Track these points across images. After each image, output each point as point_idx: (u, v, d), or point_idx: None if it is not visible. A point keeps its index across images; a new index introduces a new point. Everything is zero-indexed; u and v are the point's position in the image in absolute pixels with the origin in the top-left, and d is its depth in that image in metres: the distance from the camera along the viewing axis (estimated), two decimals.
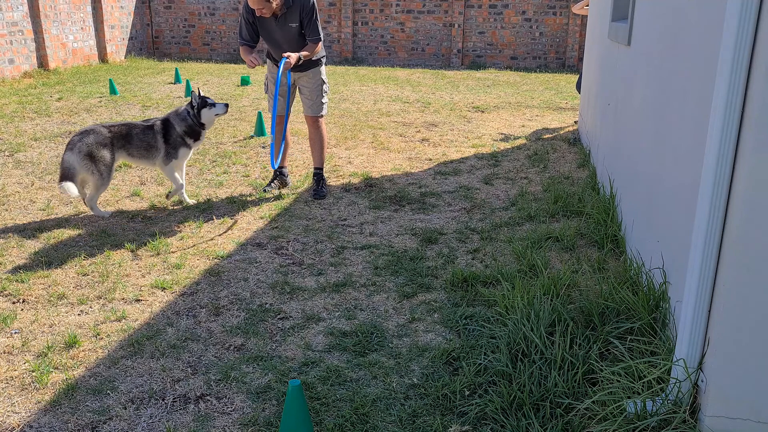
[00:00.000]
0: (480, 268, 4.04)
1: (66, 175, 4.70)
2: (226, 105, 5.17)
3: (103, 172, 4.80)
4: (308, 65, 5.36)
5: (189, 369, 2.99)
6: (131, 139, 4.94)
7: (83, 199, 4.95)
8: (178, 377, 2.92)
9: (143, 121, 5.13)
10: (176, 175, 5.14)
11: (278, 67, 5.03)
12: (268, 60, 5.54)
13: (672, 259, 2.97)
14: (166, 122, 5.05)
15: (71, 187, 4.60)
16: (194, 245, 4.43)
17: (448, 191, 5.69)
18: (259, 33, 5.22)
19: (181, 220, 4.91)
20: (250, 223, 4.89)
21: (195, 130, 5.08)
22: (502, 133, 8.07)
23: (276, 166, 5.31)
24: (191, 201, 5.27)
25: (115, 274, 3.96)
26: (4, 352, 3.11)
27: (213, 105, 5.08)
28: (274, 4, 4.90)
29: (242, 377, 2.91)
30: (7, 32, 11.36)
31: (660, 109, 3.50)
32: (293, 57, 5.02)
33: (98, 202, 4.99)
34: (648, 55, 3.95)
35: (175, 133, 5.03)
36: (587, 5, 8.75)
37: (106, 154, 4.80)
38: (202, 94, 5.10)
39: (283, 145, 5.50)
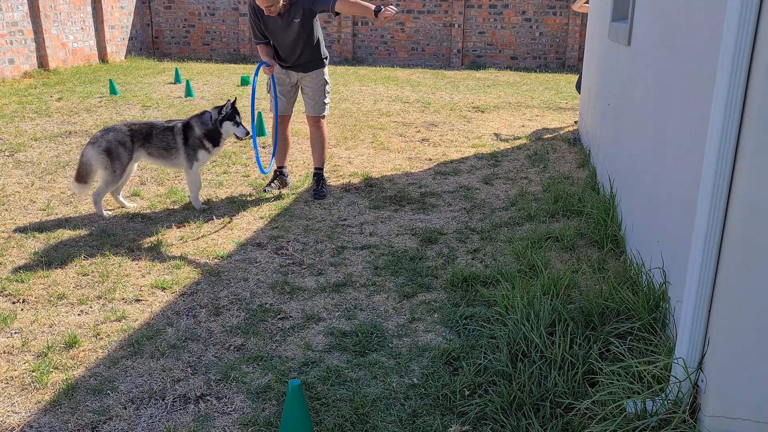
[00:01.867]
0: (480, 268, 4.04)
1: (81, 171, 4.83)
2: (248, 133, 5.13)
3: (116, 169, 4.86)
4: (312, 66, 5.38)
5: (189, 369, 2.99)
6: (151, 139, 4.97)
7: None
8: (178, 377, 2.92)
9: (166, 121, 5.16)
10: (197, 181, 5.17)
11: (271, 69, 5.25)
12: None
13: (672, 259, 2.97)
14: (186, 124, 5.08)
15: (79, 189, 4.88)
16: (194, 245, 4.43)
17: (448, 191, 5.69)
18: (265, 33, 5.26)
19: (181, 220, 4.91)
20: (250, 223, 4.89)
21: (214, 136, 5.08)
22: (502, 133, 8.07)
23: (265, 172, 5.39)
24: (200, 206, 5.26)
25: (115, 274, 3.96)
26: (4, 352, 3.11)
27: (238, 124, 5.08)
28: (281, 2, 4.93)
29: (242, 377, 2.91)
30: (7, 32, 11.36)
31: (660, 109, 3.50)
32: (271, 68, 5.27)
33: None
34: (648, 55, 3.95)
35: (194, 136, 5.04)
36: (586, 2, 8.75)
37: (123, 152, 4.86)
38: (235, 107, 5.08)
39: (284, 144, 5.54)
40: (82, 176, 4.83)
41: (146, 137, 4.95)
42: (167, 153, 5.02)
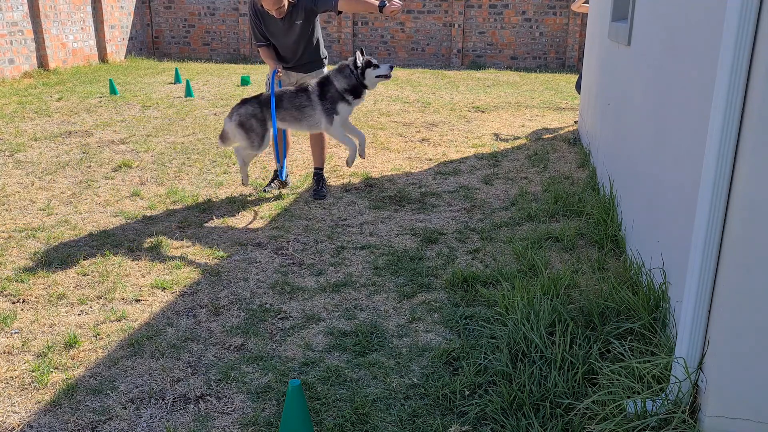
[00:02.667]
0: (480, 268, 4.04)
1: (223, 135, 5.32)
2: (391, 67, 5.15)
3: (254, 140, 5.08)
4: (313, 66, 5.39)
5: (189, 369, 2.99)
6: (281, 104, 5.06)
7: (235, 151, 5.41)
8: (178, 377, 2.92)
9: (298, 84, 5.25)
10: (346, 135, 5.18)
11: (275, 72, 5.22)
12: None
13: (672, 259, 2.97)
14: (324, 80, 5.09)
15: (221, 145, 5.47)
16: (194, 245, 4.43)
17: (448, 191, 5.69)
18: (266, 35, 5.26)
19: (181, 220, 4.91)
20: (250, 223, 4.89)
21: (357, 89, 5.09)
22: (502, 133, 8.07)
23: (283, 167, 5.44)
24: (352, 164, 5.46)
25: (115, 274, 3.96)
26: (4, 352, 3.11)
27: (377, 66, 5.08)
28: (285, 3, 4.94)
29: (242, 377, 2.91)
30: (7, 32, 11.36)
31: (660, 109, 3.50)
32: (279, 73, 5.29)
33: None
34: (648, 55, 3.95)
35: (334, 89, 5.05)
36: (585, 2, 8.75)
37: (255, 123, 5.05)
38: (366, 55, 5.10)
39: (284, 144, 5.55)
40: (224, 139, 5.29)
41: (277, 103, 5.05)
42: (300, 113, 5.08)
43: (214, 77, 12.54)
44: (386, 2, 4.94)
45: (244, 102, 5.15)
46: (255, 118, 5.06)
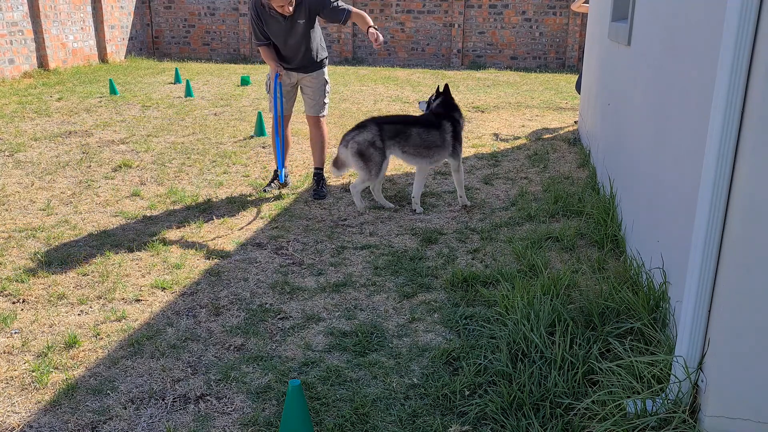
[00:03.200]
0: (480, 268, 4.04)
1: (338, 161, 5.10)
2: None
3: (372, 169, 4.91)
4: (314, 66, 5.39)
5: (189, 369, 2.99)
6: (409, 138, 4.93)
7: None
8: (178, 377, 2.92)
9: (423, 116, 5.12)
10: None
11: (277, 75, 5.24)
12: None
13: (672, 259, 2.97)
14: (452, 119, 5.03)
15: (335, 172, 5.22)
16: (194, 245, 4.43)
17: (448, 191, 5.69)
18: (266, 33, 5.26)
19: (181, 220, 4.91)
20: (250, 223, 4.89)
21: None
22: (501, 133, 8.07)
23: (282, 166, 5.41)
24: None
25: (115, 274, 3.96)
26: (4, 352, 3.11)
27: None
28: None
29: (242, 377, 2.91)
30: (7, 32, 11.36)
31: (660, 109, 3.50)
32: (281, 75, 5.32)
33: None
34: (648, 55, 3.95)
35: (460, 129, 5.09)
36: (585, 2, 8.75)
37: (374, 152, 4.87)
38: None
39: (283, 145, 5.55)
40: (338, 165, 5.10)
41: (398, 134, 4.92)
42: (427, 151, 4.96)
43: (214, 77, 12.54)
44: (374, 30, 4.99)
45: (361, 128, 4.93)
46: (374, 146, 4.84)
